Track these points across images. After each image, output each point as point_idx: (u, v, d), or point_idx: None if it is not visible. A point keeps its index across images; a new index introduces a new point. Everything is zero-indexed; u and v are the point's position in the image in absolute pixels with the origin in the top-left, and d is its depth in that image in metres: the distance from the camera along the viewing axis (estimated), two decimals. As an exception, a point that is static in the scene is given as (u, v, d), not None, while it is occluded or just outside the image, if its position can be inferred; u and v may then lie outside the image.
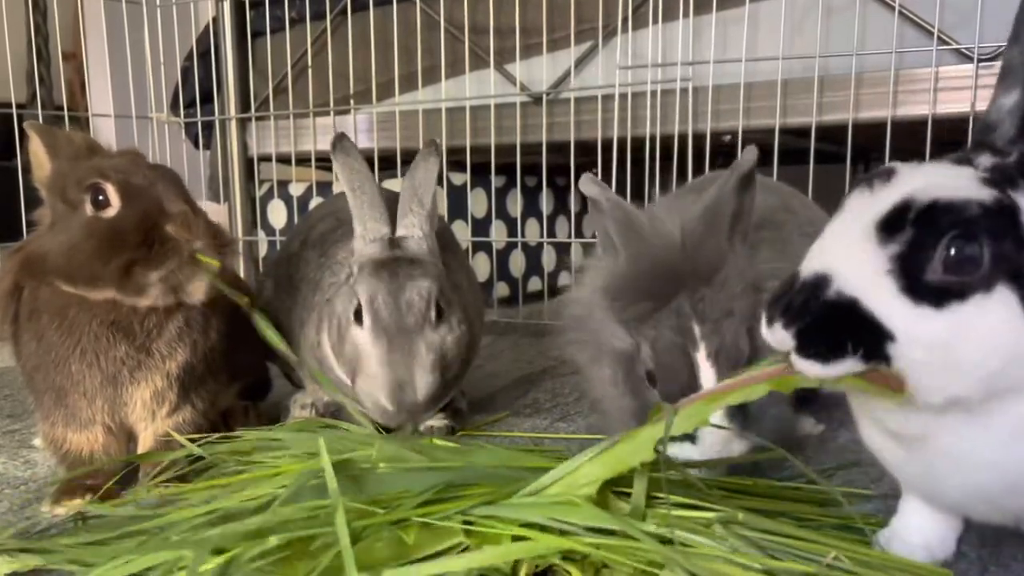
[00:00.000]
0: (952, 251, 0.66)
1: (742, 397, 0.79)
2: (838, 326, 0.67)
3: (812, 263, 0.71)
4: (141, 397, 1.18)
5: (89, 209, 1.12)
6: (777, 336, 0.70)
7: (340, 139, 1.30)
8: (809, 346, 0.68)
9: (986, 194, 0.68)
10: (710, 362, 0.98)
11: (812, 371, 0.69)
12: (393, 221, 1.28)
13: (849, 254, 0.69)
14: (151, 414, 1.20)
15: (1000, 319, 0.66)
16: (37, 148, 1.19)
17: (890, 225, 0.68)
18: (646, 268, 1.03)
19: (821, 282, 0.68)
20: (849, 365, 0.67)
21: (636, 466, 0.83)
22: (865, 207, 0.71)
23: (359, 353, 1.21)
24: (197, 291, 1.14)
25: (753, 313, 1.01)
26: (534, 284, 3.16)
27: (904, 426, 0.75)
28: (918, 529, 0.86)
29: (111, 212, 1.11)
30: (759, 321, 0.99)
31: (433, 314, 1.21)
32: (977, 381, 0.67)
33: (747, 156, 1.05)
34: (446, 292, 1.25)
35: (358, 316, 1.21)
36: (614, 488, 0.88)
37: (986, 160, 0.74)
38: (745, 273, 1.04)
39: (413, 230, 1.27)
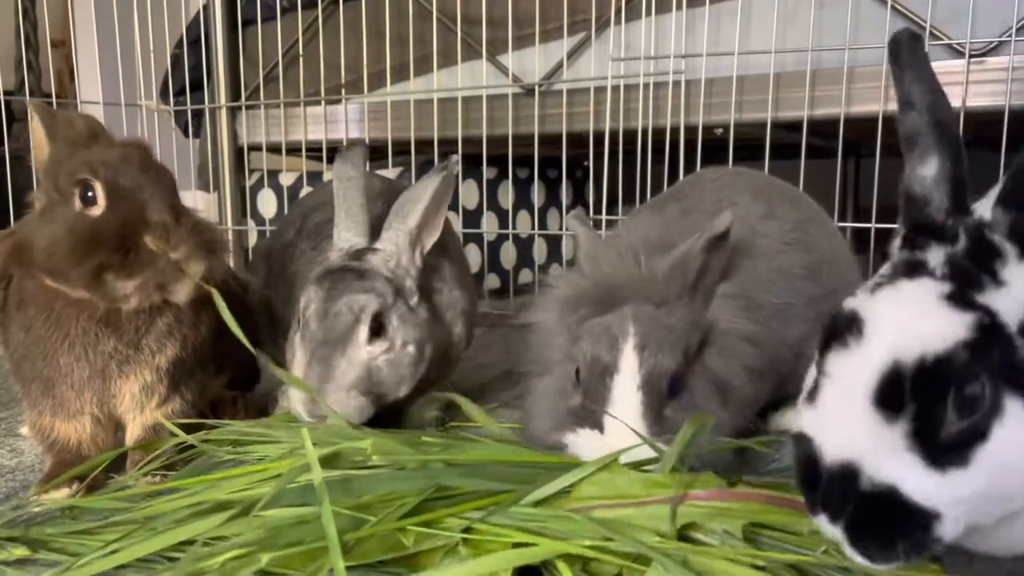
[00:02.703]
0: (959, 405, 0.64)
1: (777, 518, 0.83)
2: (885, 516, 0.66)
3: (829, 446, 0.68)
4: (130, 390, 1.17)
5: (77, 204, 1.10)
6: (824, 528, 0.69)
7: (352, 145, 1.29)
8: (863, 541, 0.67)
9: (962, 325, 0.66)
10: (635, 352, 1.01)
11: (859, 562, 0.68)
12: (375, 231, 1.28)
13: (863, 436, 0.67)
14: (139, 406, 1.19)
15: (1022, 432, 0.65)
16: (37, 129, 1.18)
17: (888, 401, 0.66)
18: (601, 280, 1.10)
19: (849, 471, 0.67)
20: (894, 566, 0.67)
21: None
22: (852, 374, 0.69)
23: (290, 360, 1.21)
24: (179, 294, 1.12)
25: (690, 340, 1.05)
26: (525, 276, 3.16)
27: None
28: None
29: (96, 211, 1.09)
30: (691, 350, 1.05)
31: (364, 329, 1.17)
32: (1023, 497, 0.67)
33: (721, 220, 1.09)
34: (399, 309, 1.22)
35: (299, 323, 1.21)
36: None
37: (936, 256, 0.71)
38: (694, 313, 1.08)
39: (388, 245, 1.26)
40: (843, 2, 1.90)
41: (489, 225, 2.95)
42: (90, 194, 1.09)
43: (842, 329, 0.71)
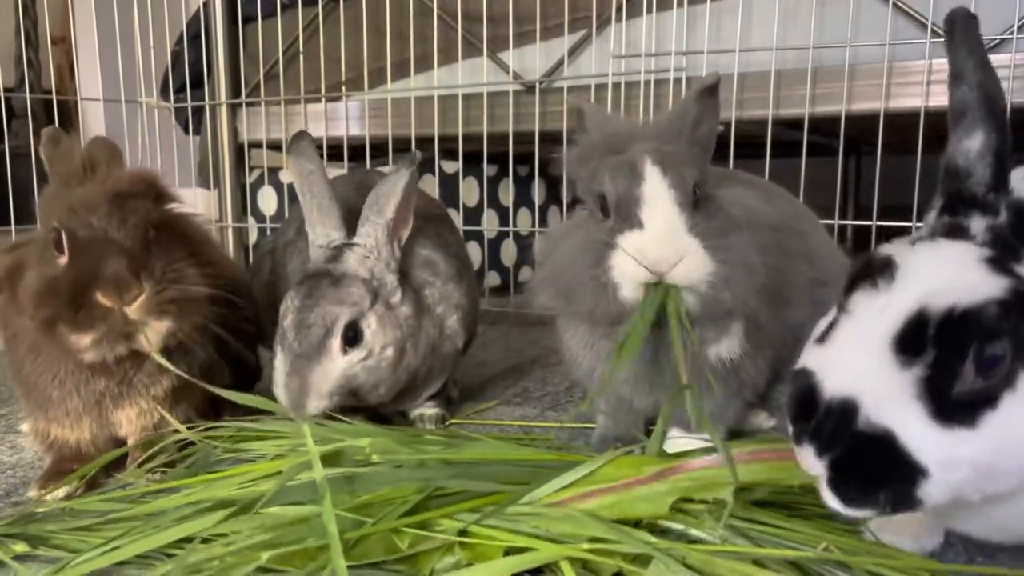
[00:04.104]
0: (979, 360, 0.63)
1: (766, 474, 0.82)
2: (873, 462, 0.65)
3: (833, 381, 0.68)
4: (126, 416, 1.18)
5: (54, 250, 1.08)
6: (808, 461, 0.68)
7: (298, 138, 1.29)
8: (844, 483, 0.66)
9: (998, 286, 0.65)
10: (657, 167, 1.03)
11: (833, 505, 0.68)
12: (351, 224, 1.27)
13: (872, 375, 0.66)
14: (139, 428, 1.20)
15: None
16: (44, 159, 1.17)
17: (909, 344, 0.65)
18: (611, 131, 1.14)
19: (849, 408, 0.66)
20: (869, 514, 0.67)
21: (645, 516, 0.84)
22: (875, 314, 0.68)
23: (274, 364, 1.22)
24: (143, 346, 1.09)
25: (698, 173, 1.07)
26: (525, 274, 3.16)
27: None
28: (906, 519, 0.86)
29: (62, 261, 1.07)
30: (702, 182, 1.06)
31: (336, 342, 1.18)
32: (1017, 481, 0.66)
33: (708, 76, 1.13)
34: (377, 311, 1.22)
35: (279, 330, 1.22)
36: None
37: (978, 224, 0.71)
38: (695, 154, 1.11)
39: (367, 239, 1.26)
40: (844, -1, 1.90)
41: (490, 223, 2.95)
42: (59, 241, 1.07)
43: (873, 271, 0.70)
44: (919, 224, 1.82)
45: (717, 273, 1.00)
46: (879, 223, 1.94)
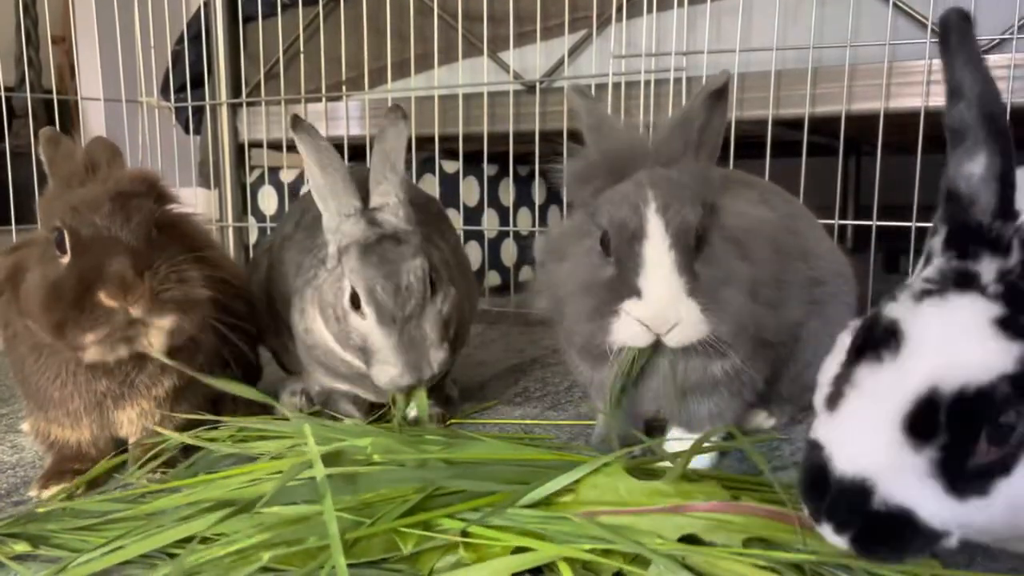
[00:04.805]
0: (991, 436, 0.62)
1: (773, 532, 0.83)
2: (894, 534, 0.65)
3: (843, 459, 0.66)
4: (127, 417, 1.18)
5: (55, 250, 1.08)
6: (826, 534, 0.67)
7: (298, 121, 1.30)
8: (866, 551, 0.66)
9: (1009, 357, 0.62)
10: (659, 215, 1.03)
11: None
12: (363, 194, 1.28)
13: (883, 456, 0.64)
14: (140, 428, 1.20)
15: None
16: (43, 160, 1.18)
17: (920, 427, 0.63)
18: (611, 149, 1.13)
19: (862, 488, 0.64)
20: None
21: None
22: (882, 391, 0.65)
23: (369, 343, 1.20)
24: (147, 348, 1.09)
25: (704, 195, 1.08)
26: (526, 273, 3.16)
27: None
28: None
29: (65, 260, 1.07)
30: (707, 204, 1.07)
31: (429, 290, 1.21)
32: None
33: (717, 77, 1.12)
34: (432, 260, 1.25)
35: (355, 303, 1.20)
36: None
37: (988, 269, 0.68)
38: (702, 168, 1.11)
39: (388, 198, 1.26)
40: (844, -1, 1.90)
41: (490, 222, 2.95)
42: (60, 243, 1.07)
43: (878, 341, 0.67)
44: (919, 224, 1.83)
45: (713, 333, 1.03)
46: (879, 223, 1.95)
